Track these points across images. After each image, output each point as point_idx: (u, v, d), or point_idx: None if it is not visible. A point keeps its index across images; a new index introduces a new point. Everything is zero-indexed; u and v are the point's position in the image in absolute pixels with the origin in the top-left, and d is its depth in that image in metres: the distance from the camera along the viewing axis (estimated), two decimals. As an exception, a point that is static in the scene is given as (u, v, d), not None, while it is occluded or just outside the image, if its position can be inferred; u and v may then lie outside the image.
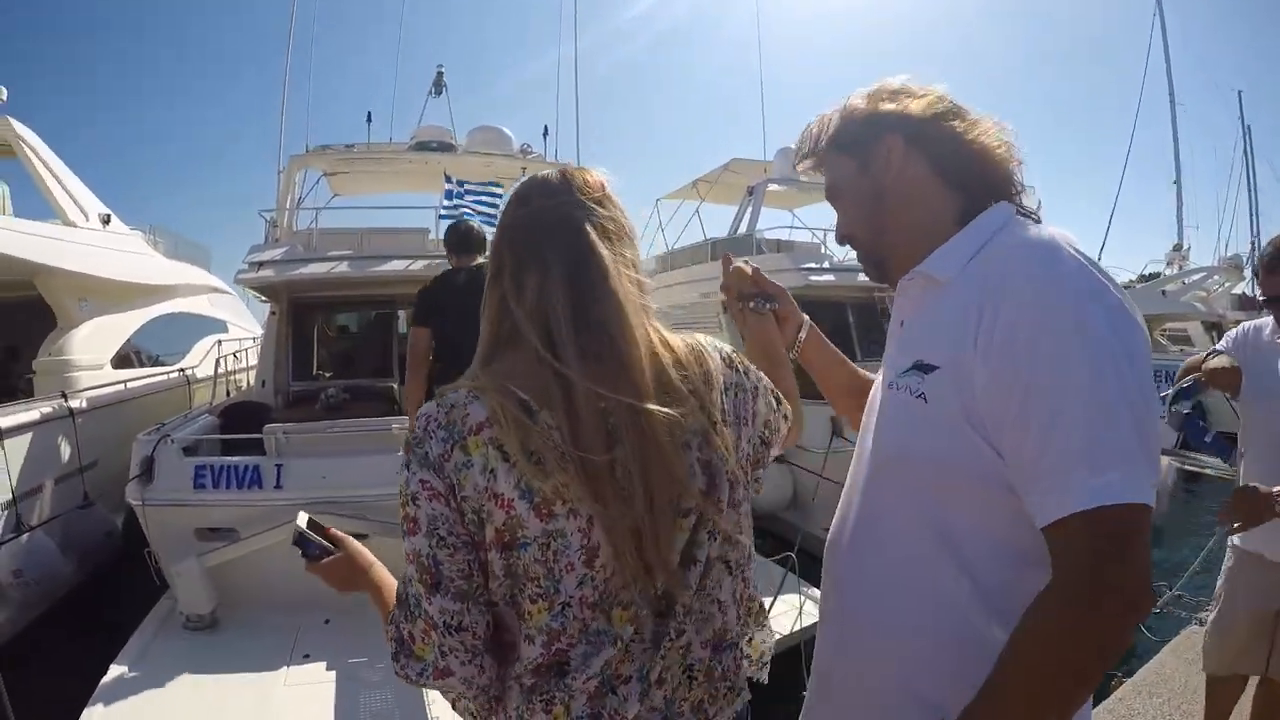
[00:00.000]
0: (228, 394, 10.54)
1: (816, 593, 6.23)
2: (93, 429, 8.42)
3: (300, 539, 1.59)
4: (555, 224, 1.17)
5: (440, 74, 11.91)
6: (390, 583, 1.45)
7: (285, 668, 5.51)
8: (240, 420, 8.09)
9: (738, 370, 1.31)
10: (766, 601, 5.49)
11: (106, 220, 11.12)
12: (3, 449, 6.84)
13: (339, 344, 10.37)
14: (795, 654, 3.92)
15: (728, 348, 1.34)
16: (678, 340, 1.23)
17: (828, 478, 7.35)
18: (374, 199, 13.74)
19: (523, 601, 1.08)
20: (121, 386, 9.81)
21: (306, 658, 5.66)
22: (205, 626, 5.98)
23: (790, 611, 5.93)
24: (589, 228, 1.16)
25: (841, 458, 7.84)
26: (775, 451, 1.43)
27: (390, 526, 6.01)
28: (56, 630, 6.72)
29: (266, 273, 8.25)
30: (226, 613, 6.15)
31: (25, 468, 7.23)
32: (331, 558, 1.55)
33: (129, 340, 11.69)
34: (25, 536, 6.49)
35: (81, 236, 10.20)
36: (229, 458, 6.48)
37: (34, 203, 10.33)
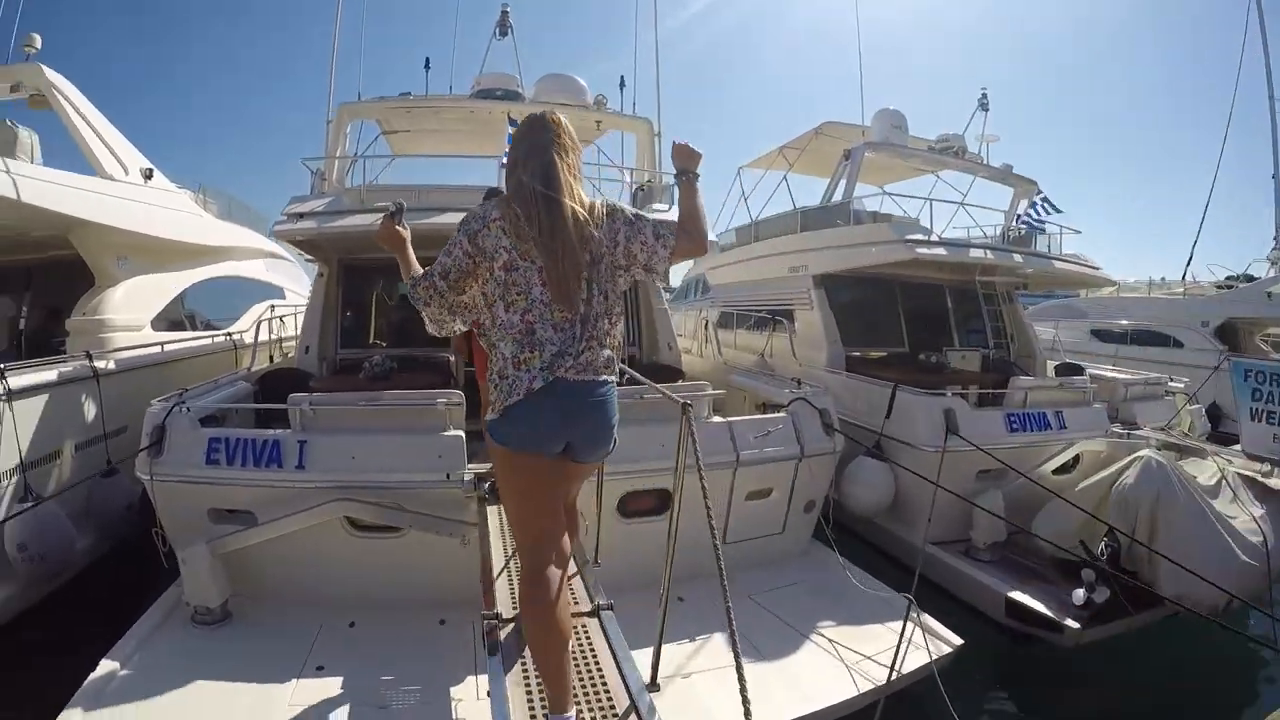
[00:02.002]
0: (270, 360, 9.88)
1: (937, 625, 5.56)
2: (122, 392, 7.84)
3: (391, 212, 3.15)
4: (539, 141, 2.87)
5: (505, 13, 10.81)
6: (415, 264, 3.04)
7: (294, 680, 4.68)
8: (277, 388, 7.42)
9: (617, 219, 2.90)
10: (887, 636, 5.15)
11: (149, 175, 10.43)
12: (11, 410, 6.30)
13: (398, 313, 9.54)
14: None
15: (623, 205, 2.99)
16: (587, 199, 2.87)
17: (942, 485, 6.25)
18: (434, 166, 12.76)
19: (513, 297, 2.74)
20: (158, 349, 9.20)
21: (320, 670, 4.81)
22: (214, 621, 5.32)
23: (917, 651, 4.97)
24: (554, 146, 2.84)
25: (955, 460, 6.76)
26: (662, 256, 2.88)
27: (430, 521, 5.23)
28: (62, 610, 6.28)
29: (307, 224, 7.38)
30: (241, 605, 5.49)
31: (39, 432, 6.69)
32: (397, 227, 3.11)
33: (182, 302, 11.35)
34: (32, 507, 5.89)
35: (120, 190, 9.53)
36: (246, 431, 5.68)
37: (72, 156, 9.65)
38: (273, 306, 12.62)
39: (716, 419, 6.26)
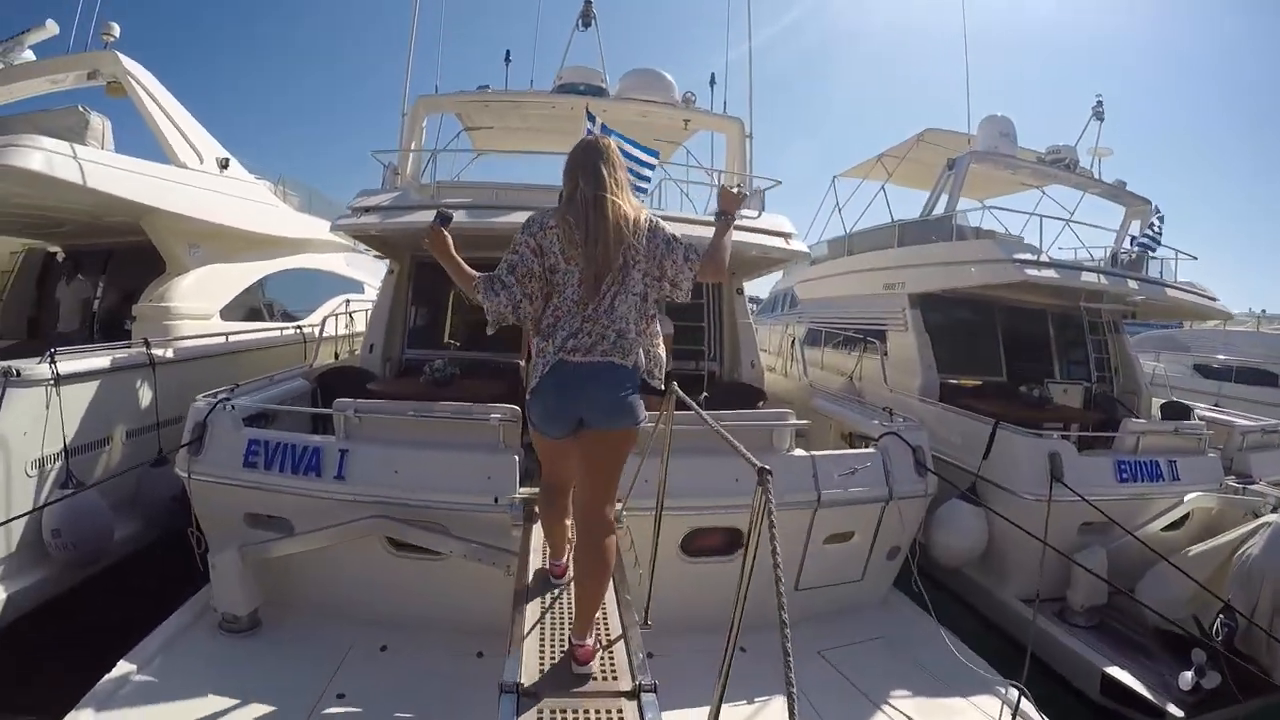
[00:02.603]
0: (336, 357, 9.58)
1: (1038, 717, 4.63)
2: (181, 382, 7.65)
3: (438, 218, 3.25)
4: (590, 155, 3.13)
5: (589, 3, 10.24)
6: (465, 267, 3.21)
7: (313, 707, 4.35)
8: (335, 388, 7.16)
9: (658, 236, 3.11)
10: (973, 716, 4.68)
11: (225, 164, 10.25)
12: (59, 395, 6.14)
13: (475, 314, 8.93)
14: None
15: (665, 225, 3.18)
16: (633, 212, 3.08)
17: (1044, 541, 5.59)
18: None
19: (552, 294, 3.09)
20: (222, 339, 9.04)
21: (342, 698, 4.47)
22: (242, 629, 5.14)
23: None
24: (600, 161, 3.09)
25: (1058, 510, 6.07)
26: (687, 276, 3.12)
27: (473, 548, 4.78)
28: (103, 597, 6.14)
29: (369, 219, 6.97)
30: (272, 614, 5.29)
31: (89, 418, 6.61)
32: (443, 234, 3.22)
33: (262, 290, 11.37)
34: (70, 495, 5.77)
35: (194, 179, 9.41)
36: (287, 434, 5.36)
37: (149, 144, 9.49)
38: (348, 301, 12.40)
39: (799, 452, 5.63)
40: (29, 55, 10.00)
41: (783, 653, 2.03)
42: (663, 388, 3.39)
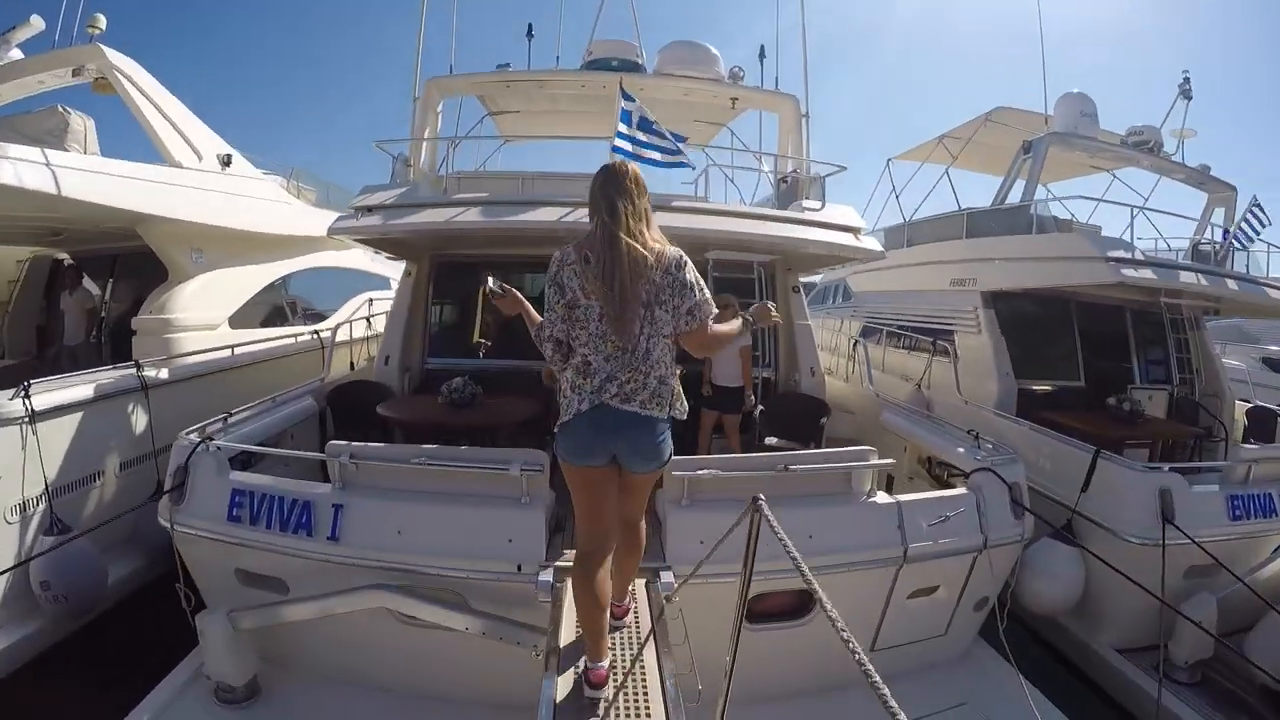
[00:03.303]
0: (351, 366, 8.92)
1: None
2: (179, 403, 7.04)
3: (489, 291, 3.25)
4: (608, 185, 3.06)
5: (621, -32, 9.28)
6: (534, 314, 3.25)
7: None
8: (347, 406, 6.79)
9: (681, 274, 3.02)
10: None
11: (227, 161, 9.55)
12: (35, 434, 5.54)
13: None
14: None
15: (689, 264, 3.08)
16: (655, 246, 3.01)
17: (1161, 599, 4.76)
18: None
19: (576, 331, 3.05)
20: (227, 353, 8.31)
21: None
22: (238, 700, 4.52)
23: None
24: (618, 194, 3.01)
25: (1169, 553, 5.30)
26: (680, 330, 3.05)
27: (492, 624, 3.97)
28: (92, 647, 5.69)
29: (370, 221, 6.12)
30: (273, 680, 4.71)
31: (72, 454, 6.03)
32: (507, 294, 3.26)
33: (285, 289, 10.94)
34: (55, 546, 5.19)
35: (191, 179, 8.72)
36: (277, 481, 4.55)
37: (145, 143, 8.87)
38: (371, 300, 11.74)
39: (881, 497, 4.67)
40: (17, 54, 9.41)
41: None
42: (684, 416, 3.29)
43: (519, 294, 3.27)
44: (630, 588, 3.70)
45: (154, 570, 6.11)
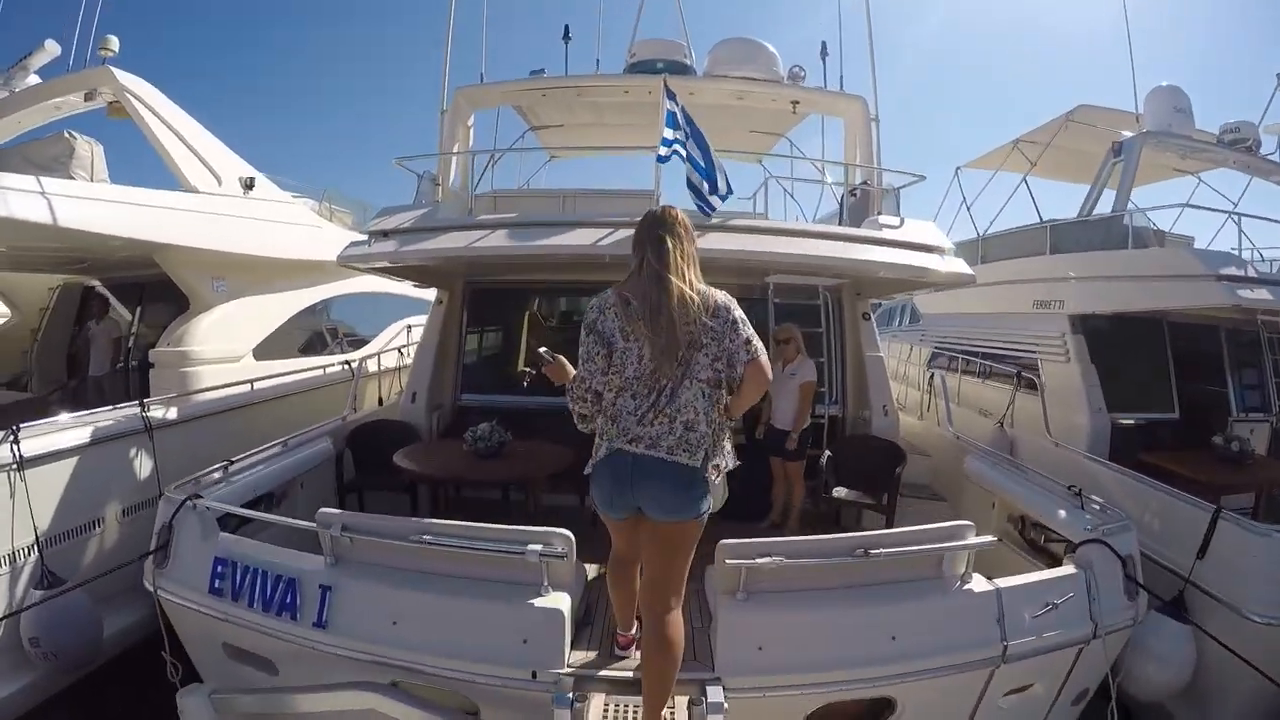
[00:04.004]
0: (380, 401, 8.35)
1: None
2: (190, 444, 6.55)
3: (534, 365, 3.22)
4: (654, 227, 3.04)
5: (664, -43, 8.56)
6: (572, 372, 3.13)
7: None
8: (368, 448, 6.28)
9: (730, 315, 2.97)
10: None
11: (249, 185, 9.09)
12: (24, 481, 5.04)
13: (559, 336, 7.85)
14: None
15: (736, 305, 3.04)
16: (702, 288, 2.98)
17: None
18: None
19: (611, 375, 2.96)
20: (246, 388, 7.66)
21: None
22: None
23: None
24: (666, 235, 2.98)
25: None
26: (741, 359, 2.96)
27: None
28: (85, 709, 5.28)
29: (383, 248, 5.48)
30: None
31: (67, 501, 5.47)
32: (554, 362, 3.16)
33: (327, 314, 10.81)
34: (43, 600, 4.80)
35: (209, 205, 8.31)
36: (264, 549, 3.95)
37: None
38: (410, 328, 11.46)
39: (978, 582, 3.76)
40: (34, 80, 9.09)
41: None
42: (716, 479, 3.04)
43: (566, 362, 3.20)
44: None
45: (157, 623, 5.60)
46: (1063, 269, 8.48)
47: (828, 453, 6.11)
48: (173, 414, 6.67)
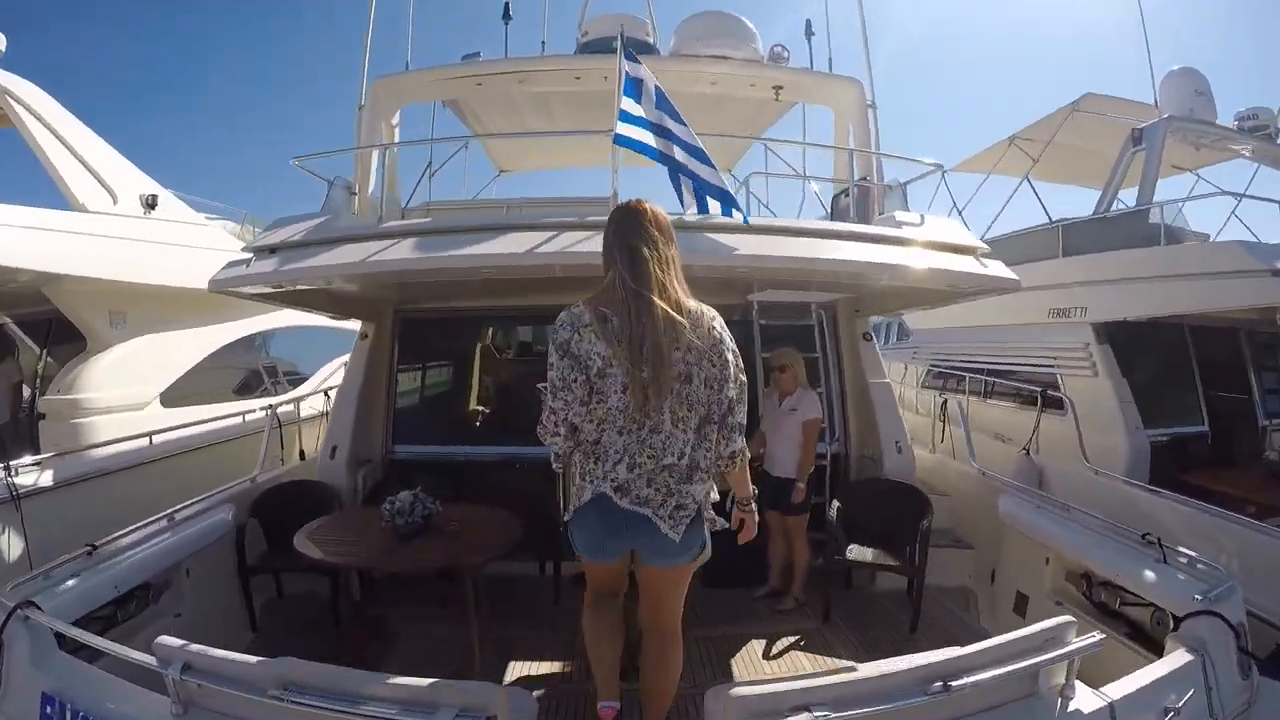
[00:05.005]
0: (301, 455, 7.08)
1: None
2: (70, 513, 5.67)
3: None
4: (624, 239, 2.61)
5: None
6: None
7: None
8: (277, 518, 5.11)
9: (720, 334, 2.59)
10: None
11: (152, 203, 8.04)
12: None
13: (518, 369, 6.95)
14: None
15: (726, 337, 2.61)
16: (691, 304, 2.58)
17: None
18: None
19: (593, 405, 2.52)
20: (144, 442, 6.64)
21: None
22: None
23: None
24: (639, 241, 2.58)
25: None
26: (726, 415, 2.60)
27: None
28: None
29: (260, 268, 4.34)
30: None
31: None
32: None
33: (264, 351, 10.12)
34: None
35: (103, 226, 7.26)
36: (99, 684, 2.93)
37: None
38: (345, 366, 10.07)
39: (1085, 697, 2.68)
40: None
41: None
42: (716, 529, 2.76)
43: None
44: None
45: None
46: (1084, 272, 7.53)
47: (836, 504, 5.05)
48: (47, 479, 5.68)
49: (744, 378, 2.66)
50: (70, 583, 3.51)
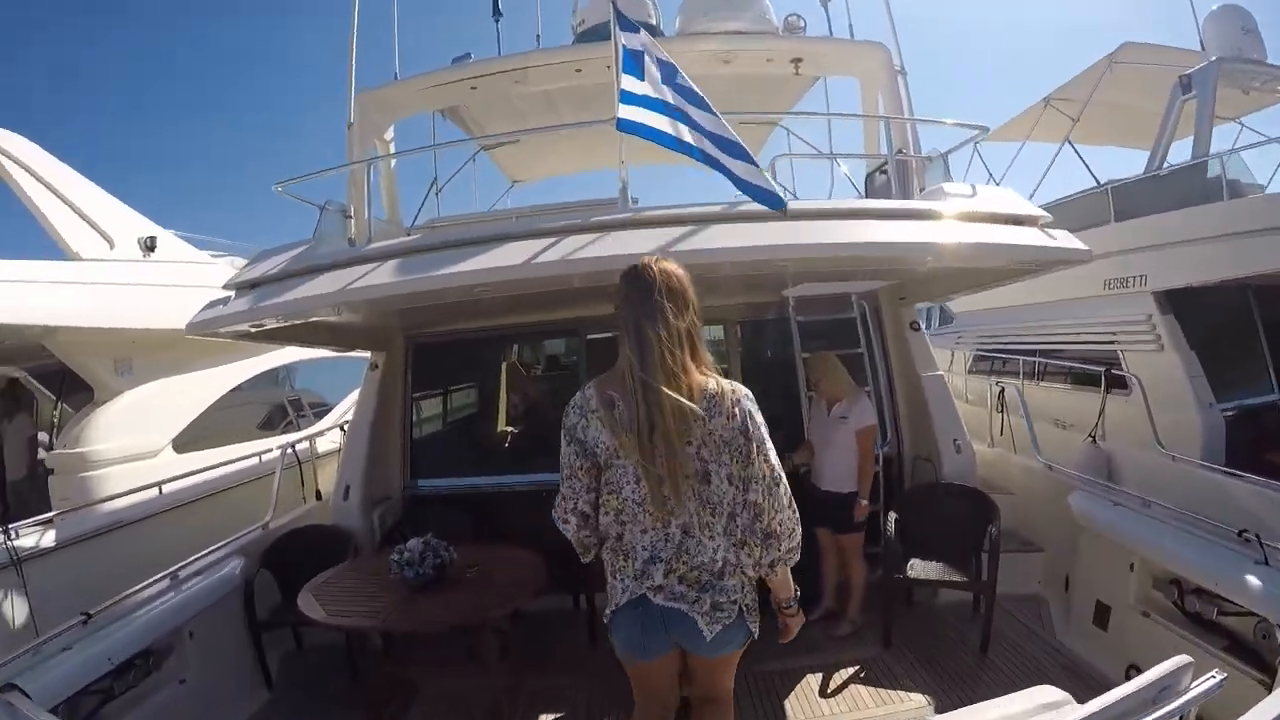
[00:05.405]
0: (318, 495, 6.75)
1: None
2: (79, 575, 5.50)
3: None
4: (631, 312, 2.29)
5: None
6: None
7: None
8: (290, 567, 4.77)
9: (741, 420, 2.24)
10: None
11: (151, 246, 7.74)
12: None
13: (544, 385, 6.77)
14: None
15: (752, 407, 2.28)
16: (707, 383, 2.26)
17: None
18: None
19: (607, 496, 2.32)
20: (154, 492, 6.43)
21: None
22: None
23: None
24: (645, 316, 2.24)
25: None
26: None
27: None
28: None
29: (238, 308, 4.00)
30: None
31: None
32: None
33: (290, 383, 9.85)
34: None
35: (99, 274, 6.98)
36: None
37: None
38: None
39: None
40: None
41: None
42: (756, 628, 2.45)
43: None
44: None
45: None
46: (1141, 237, 6.94)
47: (893, 515, 4.57)
48: (49, 540, 5.46)
49: (774, 469, 2.31)
50: (61, 657, 3.25)
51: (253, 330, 4.27)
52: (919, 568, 4.45)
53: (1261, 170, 7.82)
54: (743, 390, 2.33)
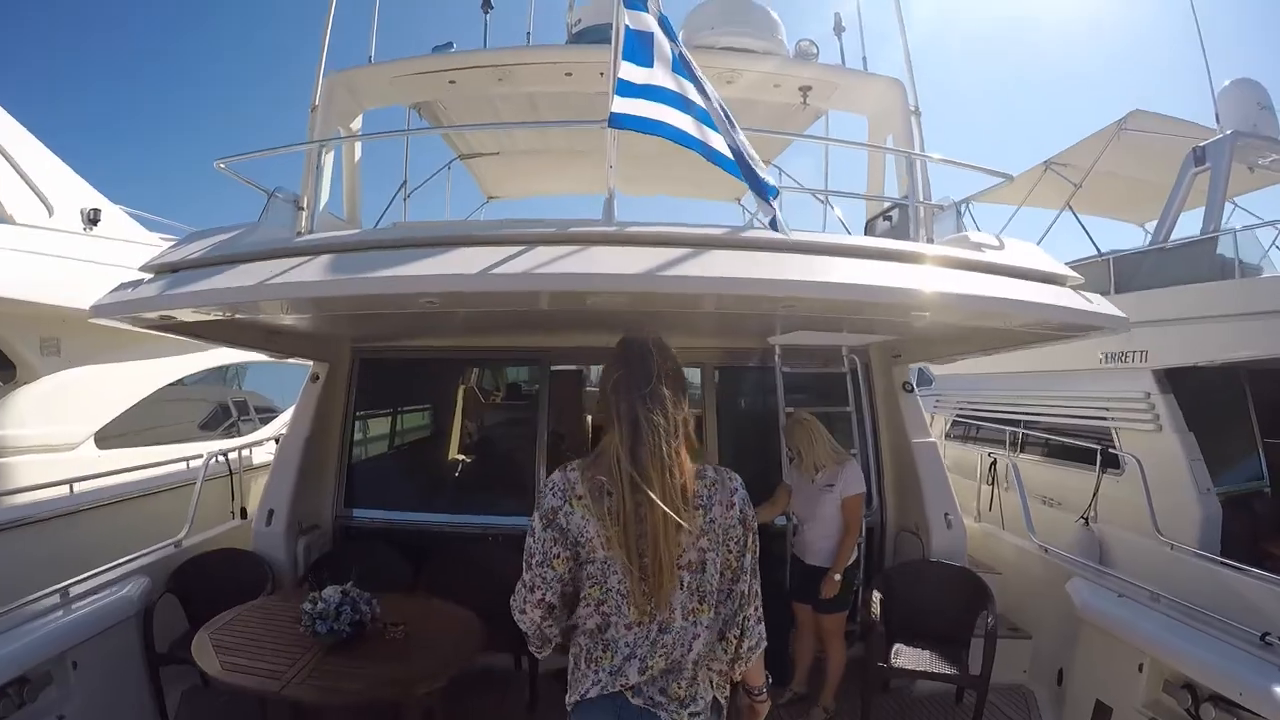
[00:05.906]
0: (243, 514, 6.14)
1: None
2: None
3: None
4: (625, 394, 2.00)
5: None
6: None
7: None
8: (201, 596, 4.39)
9: (731, 513, 2.04)
10: None
11: (94, 218, 7.17)
12: None
13: (504, 415, 6.55)
14: None
15: (746, 502, 2.07)
16: (705, 472, 2.05)
17: None
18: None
19: (587, 586, 2.01)
20: (64, 490, 5.87)
21: None
22: None
23: None
24: (640, 404, 1.95)
25: None
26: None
27: None
28: None
29: (146, 293, 3.44)
30: None
31: None
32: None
33: (238, 383, 9.46)
34: None
35: (33, 242, 6.42)
36: None
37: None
38: None
39: None
40: None
41: None
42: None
43: None
44: None
45: None
46: (1144, 311, 6.62)
47: (878, 595, 4.14)
48: None
49: (754, 558, 2.16)
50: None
51: (163, 321, 3.73)
52: (905, 656, 4.01)
53: (1252, 251, 7.64)
54: (738, 478, 2.14)
